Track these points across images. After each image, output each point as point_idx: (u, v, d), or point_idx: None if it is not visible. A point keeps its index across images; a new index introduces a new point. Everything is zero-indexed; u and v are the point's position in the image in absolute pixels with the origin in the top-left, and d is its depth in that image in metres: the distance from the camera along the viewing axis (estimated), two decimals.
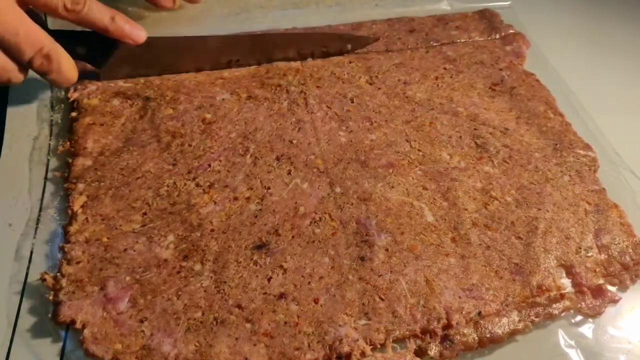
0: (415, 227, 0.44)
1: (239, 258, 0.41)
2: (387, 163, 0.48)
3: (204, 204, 0.44)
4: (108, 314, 0.37)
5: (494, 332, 0.38)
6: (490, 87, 0.57)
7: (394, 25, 0.63)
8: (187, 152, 0.48)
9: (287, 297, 0.39)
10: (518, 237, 0.44)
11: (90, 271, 0.39)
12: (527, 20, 0.66)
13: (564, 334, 0.40)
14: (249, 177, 0.46)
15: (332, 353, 0.36)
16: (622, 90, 0.61)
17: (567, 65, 0.61)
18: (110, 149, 0.47)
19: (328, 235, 0.43)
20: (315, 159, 0.48)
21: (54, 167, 0.47)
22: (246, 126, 0.50)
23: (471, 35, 0.63)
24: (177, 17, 0.62)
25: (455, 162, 0.49)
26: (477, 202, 0.46)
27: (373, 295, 0.39)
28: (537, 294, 0.40)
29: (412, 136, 0.51)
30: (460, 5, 0.68)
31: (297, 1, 0.66)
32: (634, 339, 0.40)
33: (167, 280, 0.39)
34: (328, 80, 0.55)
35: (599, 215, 0.46)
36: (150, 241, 0.41)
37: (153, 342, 0.36)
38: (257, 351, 0.36)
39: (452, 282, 0.41)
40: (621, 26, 0.70)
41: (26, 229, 0.42)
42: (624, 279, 0.43)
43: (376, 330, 0.38)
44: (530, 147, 0.51)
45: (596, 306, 0.41)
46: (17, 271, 0.40)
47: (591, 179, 0.49)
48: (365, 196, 0.45)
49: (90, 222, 0.42)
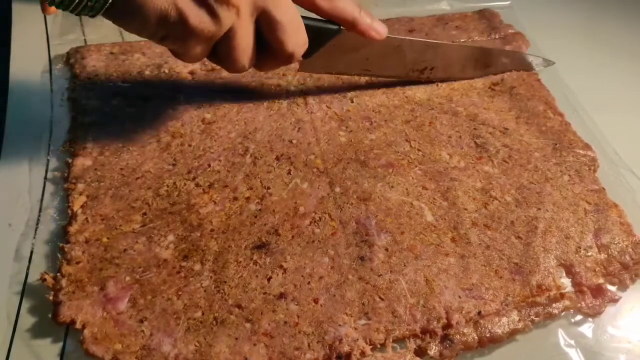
0: (415, 226, 0.44)
1: (238, 258, 0.41)
2: (386, 163, 0.48)
3: (203, 204, 0.44)
4: (108, 314, 0.37)
5: (493, 332, 0.38)
6: (489, 87, 0.57)
7: (393, 25, 0.64)
8: (186, 152, 0.48)
9: (287, 297, 0.39)
10: (518, 237, 0.44)
11: (90, 271, 0.39)
12: (527, 20, 0.66)
13: (564, 334, 0.40)
14: (249, 177, 0.46)
15: (332, 353, 0.37)
16: (622, 89, 0.61)
17: (566, 64, 0.61)
18: (110, 149, 0.47)
19: (328, 235, 0.43)
20: (315, 159, 0.48)
21: (54, 167, 0.47)
22: (246, 126, 0.50)
23: (471, 35, 0.63)
24: None
25: (455, 161, 0.49)
26: (476, 201, 0.46)
27: (373, 295, 0.39)
28: (536, 293, 0.40)
29: (411, 136, 0.51)
30: (460, 5, 0.68)
31: None
32: (634, 339, 0.40)
33: (167, 280, 0.39)
34: (327, 80, 0.55)
35: (598, 215, 0.46)
36: (150, 241, 0.41)
37: (153, 342, 0.36)
38: (257, 351, 0.36)
39: (452, 281, 0.41)
40: (621, 26, 0.70)
41: (26, 229, 0.42)
42: (623, 278, 0.43)
43: (376, 330, 0.38)
44: (530, 146, 0.51)
45: (596, 306, 0.41)
46: (17, 271, 0.40)
47: (591, 179, 0.49)
48: (365, 196, 0.45)
49: (90, 222, 0.42)
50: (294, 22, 0.41)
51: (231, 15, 0.37)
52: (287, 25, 0.40)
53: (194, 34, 0.37)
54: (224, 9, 0.36)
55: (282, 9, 0.39)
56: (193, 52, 0.39)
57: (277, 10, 0.39)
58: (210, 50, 0.40)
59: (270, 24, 0.39)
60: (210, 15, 0.36)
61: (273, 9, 0.39)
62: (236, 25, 0.38)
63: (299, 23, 0.41)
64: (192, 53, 0.39)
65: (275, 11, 0.39)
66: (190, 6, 0.36)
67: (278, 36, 0.40)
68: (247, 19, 0.38)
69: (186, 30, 0.36)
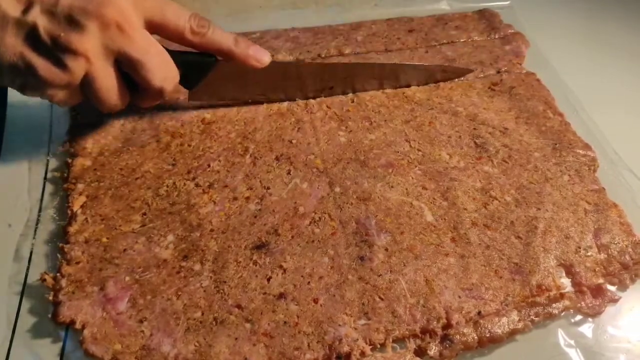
0: (415, 226, 0.44)
1: (238, 258, 0.41)
2: (386, 163, 0.48)
3: (203, 204, 0.44)
4: (108, 314, 0.37)
5: (493, 332, 0.38)
6: (489, 87, 0.57)
7: (393, 25, 0.64)
8: (186, 152, 0.48)
9: (286, 297, 0.39)
10: (518, 237, 0.44)
11: (90, 271, 0.39)
12: (527, 20, 0.66)
13: (564, 334, 0.40)
14: (249, 177, 0.46)
15: (332, 353, 0.36)
16: (622, 89, 0.61)
17: (566, 64, 0.61)
18: (110, 149, 0.47)
19: (327, 235, 0.43)
20: (314, 159, 0.48)
21: (54, 168, 0.47)
22: (245, 126, 0.50)
23: (470, 35, 0.63)
24: None
25: (455, 161, 0.49)
26: (476, 201, 0.46)
27: (373, 295, 0.39)
28: (536, 293, 0.40)
29: (411, 136, 0.51)
30: (459, 5, 0.68)
31: (296, 1, 0.66)
32: (634, 339, 0.40)
33: (167, 281, 0.39)
34: None
35: (598, 215, 0.46)
36: (149, 241, 0.41)
37: (152, 342, 0.36)
38: (256, 351, 0.36)
39: (452, 281, 0.41)
40: (621, 26, 0.70)
41: (25, 230, 0.42)
42: (623, 278, 0.43)
43: (376, 330, 0.38)
44: (530, 146, 0.51)
45: (596, 306, 0.41)
46: (16, 271, 0.40)
47: (590, 179, 0.49)
48: (365, 196, 0.45)
49: (89, 223, 0.42)
50: (157, 58, 0.41)
51: (80, 63, 0.37)
52: (149, 63, 0.40)
53: (47, 83, 0.37)
54: (71, 59, 0.37)
55: (139, 48, 0.39)
56: (57, 99, 0.39)
57: (134, 50, 0.39)
58: (79, 94, 0.40)
59: (131, 63, 0.40)
60: (57, 66, 0.37)
61: (130, 50, 0.39)
62: (91, 71, 0.38)
63: (163, 58, 0.41)
64: (57, 100, 0.40)
65: (132, 52, 0.39)
66: (37, 58, 0.36)
67: (142, 74, 0.40)
68: (102, 63, 0.39)
69: (39, 81, 0.37)
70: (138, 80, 0.41)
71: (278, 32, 0.61)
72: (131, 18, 0.39)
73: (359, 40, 0.61)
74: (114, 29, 0.38)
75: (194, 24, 0.42)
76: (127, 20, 0.38)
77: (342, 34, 0.61)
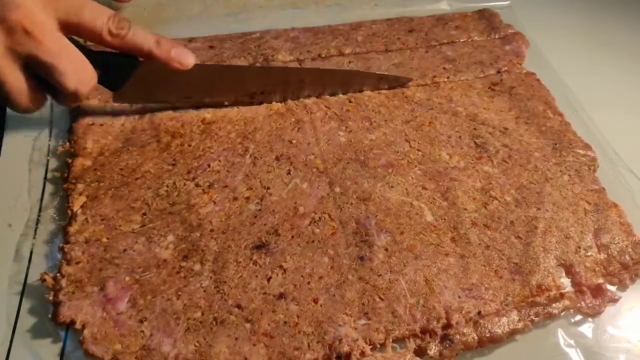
0: (415, 226, 0.44)
1: (238, 258, 0.41)
2: (386, 163, 0.48)
3: (203, 204, 0.44)
4: (108, 314, 0.37)
5: (493, 332, 0.38)
6: (489, 87, 0.57)
7: (393, 25, 0.64)
8: (186, 152, 0.48)
9: (286, 297, 0.39)
10: (517, 237, 0.44)
11: (90, 271, 0.39)
12: (527, 20, 0.66)
13: (564, 334, 0.40)
14: (249, 177, 0.46)
15: (332, 353, 0.37)
16: (622, 90, 0.61)
17: (566, 64, 0.61)
18: (110, 149, 0.47)
19: (327, 235, 0.43)
20: (314, 159, 0.48)
21: (54, 168, 0.47)
22: (245, 126, 0.50)
23: (470, 35, 0.63)
24: (177, 16, 0.62)
25: (455, 161, 0.49)
26: (476, 201, 0.46)
27: (373, 295, 0.39)
28: (536, 293, 0.40)
29: (411, 136, 0.51)
30: (459, 5, 0.68)
31: (296, 1, 0.66)
32: (634, 338, 0.40)
33: (167, 281, 0.39)
34: None
35: (598, 215, 0.46)
36: (149, 241, 0.41)
37: (153, 342, 0.36)
38: (256, 351, 0.36)
39: (452, 281, 0.41)
40: (621, 26, 0.70)
41: (26, 230, 0.42)
42: (623, 278, 0.43)
43: (376, 330, 0.38)
44: (530, 146, 0.51)
45: (596, 305, 0.41)
46: (16, 272, 0.40)
47: (590, 179, 0.49)
48: (365, 196, 0.45)
49: (89, 223, 0.42)
50: (70, 61, 0.40)
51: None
52: (61, 66, 0.39)
53: None
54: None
55: (49, 51, 0.38)
56: None
57: (44, 53, 0.38)
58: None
59: (41, 67, 0.39)
60: None
61: (39, 53, 0.38)
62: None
63: (76, 61, 0.40)
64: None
65: (41, 55, 0.38)
66: None
67: (55, 77, 0.39)
68: (8, 66, 0.38)
69: None
70: (52, 82, 0.40)
71: (278, 32, 0.61)
72: (39, 21, 0.38)
73: (359, 40, 0.61)
74: (20, 32, 0.37)
75: (112, 26, 0.41)
76: (35, 23, 0.37)
77: (342, 34, 0.61)
